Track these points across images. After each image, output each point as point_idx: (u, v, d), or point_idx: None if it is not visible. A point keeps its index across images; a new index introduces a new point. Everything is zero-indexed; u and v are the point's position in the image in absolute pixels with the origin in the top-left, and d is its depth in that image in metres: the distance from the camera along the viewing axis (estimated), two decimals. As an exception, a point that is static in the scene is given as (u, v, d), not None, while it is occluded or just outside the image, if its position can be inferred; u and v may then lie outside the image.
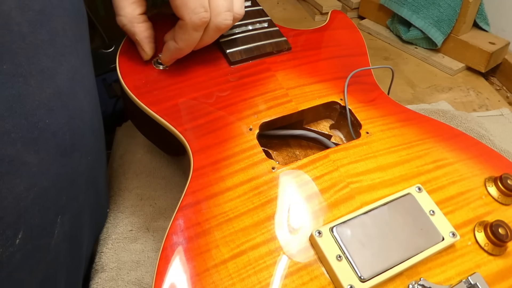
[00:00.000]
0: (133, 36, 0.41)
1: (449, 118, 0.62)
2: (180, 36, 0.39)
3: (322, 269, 0.31)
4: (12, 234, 0.27)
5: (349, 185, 0.35)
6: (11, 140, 0.27)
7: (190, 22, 0.37)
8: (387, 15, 0.92)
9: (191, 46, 0.40)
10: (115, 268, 0.41)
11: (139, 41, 0.41)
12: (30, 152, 0.28)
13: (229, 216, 0.32)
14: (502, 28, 0.84)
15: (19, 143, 0.27)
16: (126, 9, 0.39)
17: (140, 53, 0.42)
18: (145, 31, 0.41)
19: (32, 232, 0.29)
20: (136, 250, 0.42)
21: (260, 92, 0.42)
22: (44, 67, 0.31)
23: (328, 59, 0.47)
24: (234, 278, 0.29)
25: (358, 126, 0.41)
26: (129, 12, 0.39)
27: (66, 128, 0.32)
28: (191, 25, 0.38)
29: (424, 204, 0.34)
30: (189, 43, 0.40)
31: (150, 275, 0.40)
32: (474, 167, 0.39)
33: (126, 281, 0.40)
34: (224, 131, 0.38)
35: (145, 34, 0.41)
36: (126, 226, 0.44)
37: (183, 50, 0.40)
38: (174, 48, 0.40)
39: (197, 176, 0.34)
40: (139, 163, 0.51)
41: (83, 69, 0.36)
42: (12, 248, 0.27)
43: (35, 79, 0.30)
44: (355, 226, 0.32)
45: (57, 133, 0.31)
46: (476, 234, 0.34)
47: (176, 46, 0.40)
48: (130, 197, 0.47)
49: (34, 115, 0.29)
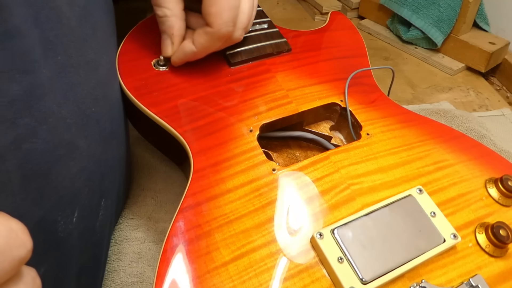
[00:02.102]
0: (170, 30, 0.40)
1: (450, 118, 0.62)
2: (201, 41, 0.39)
3: (323, 271, 0.31)
4: (70, 212, 0.30)
5: (350, 186, 0.35)
6: (67, 125, 0.29)
7: (218, 31, 0.38)
8: (387, 15, 0.92)
9: (206, 53, 0.41)
10: (116, 260, 0.41)
11: (174, 37, 0.40)
12: (81, 137, 0.31)
13: (230, 218, 0.32)
14: (502, 28, 0.84)
15: (73, 128, 0.30)
16: (172, 3, 0.39)
17: (166, 46, 0.41)
18: (182, 30, 0.40)
19: (84, 212, 0.31)
20: (138, 239, 0.43)
21: (260, 93, 0.42)
22: (89, 59, 0.33)
23: (328, 60, 0.47)
24: (235, 281, 0.29)
25: (358, 128, 0.41)
26: (175, 6, 0.39)
27: (107, 117, 0.35)
28: (217, 35, 0.38)
29: (425, 206, 0.34)
30: (207, 50, 0.40)
31: (152, 269, 0.40)
32: (474, 169, 0.39)
33: (128, 273, 0.40)
34: (224, 133, 0.38)
35: (181, 33, 0.40)
36: (127, 215, 0.45)
37: (198, 55, 0.41)
38: (191, 51, 0.40)
39: (197, 178, 0.34)
40: (140, 155, 0.51)
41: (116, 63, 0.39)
42: (71, 225, 0.30)
43: (83, 70, 0.32)
44: (356, 228, 0.32)
45: (100, 121, 0.33)
46: (477, 235, 0.34)
47: (194, 50, 0.40)
48: (132, 186, 0.47)
49: (83, 103, 0.31)
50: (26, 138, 0.26)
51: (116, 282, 0.40)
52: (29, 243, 0.18)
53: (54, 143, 0.28)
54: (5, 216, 0.17)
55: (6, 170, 0.25)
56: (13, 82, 0.25)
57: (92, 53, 0.34)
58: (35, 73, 0.27)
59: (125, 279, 0.40)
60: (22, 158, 0.26)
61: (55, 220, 0.28)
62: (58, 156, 0.28)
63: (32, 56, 0.27)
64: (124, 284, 0.40)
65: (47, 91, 0.28)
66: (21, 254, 0.17)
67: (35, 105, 0.27)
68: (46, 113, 0.27)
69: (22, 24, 0.26)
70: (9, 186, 0.25)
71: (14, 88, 0.25)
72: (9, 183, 0.25)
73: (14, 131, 0.25)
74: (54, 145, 0.28)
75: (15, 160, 0.25)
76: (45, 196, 0.27)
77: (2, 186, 0.25)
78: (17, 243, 0.17)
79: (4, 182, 0.25)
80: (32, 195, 0.27)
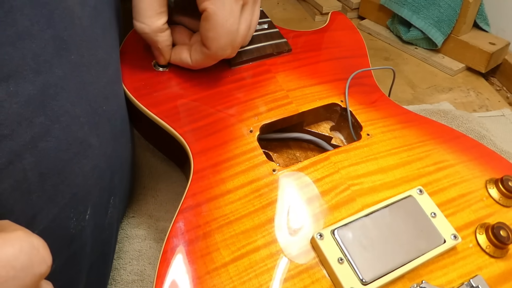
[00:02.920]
0: (155, 44, 0.40)
1: (450, 119, 0.62)
2: (197, 58, 0.40)
3: (324, 271, 0.31)
4: (83, 209, 0.30)
5: (350, 187, 0.35)
6: (81, 124, 0.30)
7: (214, 55, 0.38)
8: (387, 15, 0.92)
9: (200, 67, 0.41)
10: (117, 258, 0.41)
11: (160, 49, 0.40)
12: (93, 135, 0.31)
13: (230, 218, 0.32)
14: (502, 29, 0.84)
15: (86, 126, 0.30)
16: (152, 19, 0.38)
17: (157, 58, 0.41)
18: (168, 40, 0.40)
19: (95, 210, 0.32)
20: (139, 237, 0.43)
21: (261, 93, 0.42)
22: (100, 58, 0.33)
23: (329, 60, 0.47)
24: (235, 281, 0.29)
25: (358, 128, 0.41)
26: (153, 22, 0.38)
27: (117, 115, 0.35)
28: (213, 57, 0.39)
29: (425, 206, 0.34)
30: (202, 66, 0.41)
31: (152, 267, 0.40)
32: (475, 169, 0.39)
33: (128, 271, 0.40)
34: (224, 133, 0.38)
35: (167, 43, 0.40)
36: (128, 213, 0.45)
37: (192, 67, 0.41)
38: (186, 62, 0.41)
39: (197, 179, 0.34)
40: (141, 154, 0.51)
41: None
42: (84, 223, 0.30)
43: (95, 69, 0.32)
44: (356, 229, 0.32)
45: (111, 119, 0.34)
46: (477, 236, 0.34)
47: (188, 62, 0.41)
48: (133, 185, 0.47)
49: (95, 101, 0.32)
50: (42, 137, 0.26)
51: (117, 280, 0.40)
52: (49, 259, 0.18)
53: (68, 141, 0.28)
54: (27, 232, 0.18)
55: (23, 169, 0.25)
56: (27, 82, 0.26)
57: (103, 52, 0.34)
58: (47, 72, 0.27)
59: (126, 277, 0.40)
60: (39, 156, 0.26)
61: (68, 217, 0.29)
62: (72, 154, 0.29)
63: (44, 56, 0.27)
64: (124, 282, 0.40)
65: (60, 90, 0.28)
66: (42, 270, 0.17)
67: (48, 104, 0.27)
68: (59, 112, 0.28)
69: (33, 25, 0.26)
70: (25, 184, 0.25)
71: (28, 88, 0.26)
72: (26, 181, 0.25)
73: (32, 129, 0.26)
74: (68, 143, 0.28)
75: (33, 159, 0.26)
76: (60, 193, 0.28)
77: (18, 184, 0.25)
78: (38, 260, 0.17)
79: (20, 180, 0.25)
80: (48, 193, 0.27)
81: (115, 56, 0.38)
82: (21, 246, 0.17)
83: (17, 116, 0.25)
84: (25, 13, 0.26)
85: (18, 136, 0.25)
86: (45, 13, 0.27)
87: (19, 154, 0.25)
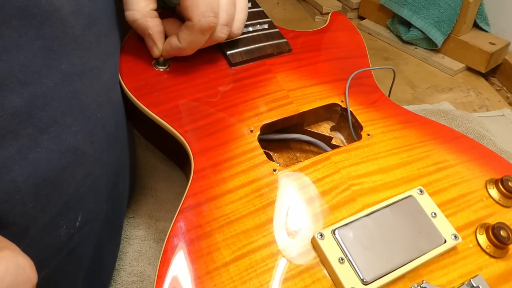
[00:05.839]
0: (146, 31, 0.40)
1: (450, 119, 0.62)
2: (184, 36, 0.39)
3: (324, 271, 0.31)
4: (73, 217, 0.30)
5: (351, 187, 0.35)
6: (73, 133, 0.30)
7: (198, 24, 0.37)
8: (387, 15, 0.92)
9: (193, 49, 0.40)
10: (117, 259, 0.41)
11: (152, 36, 0.40)
12: (87, 143, 0.31)
13: (231, 218, 0.32)
14: (502, 29, 0.84)
15: (79, 135, 0.30)
16: (140, 4, 0.39)
17: (151, 49, 0.41)
18: (159, 26, 0.40)
19: (88, 216, 0.31)
20: (138, 237, 0.43)
21: (261, 93, 0.42)
22: (93, 66, 0.33)
23: (329, 61, 0.47)
24: (236, 281, 0.29)
25: (359, 128, 0.41)
26: (143, 7, 0.39)
27: (112, 121, 0.35)
28: (198, 28, 0.38)
29: (426, 207, 0.34)
30: (192, 45, 0.40)
31: (152, 268, 0.40)
32: (475, 169, 0.39)
33: (128, 272, 0.40)
34: (225, 133, 0.38)
35: (159, 29, 0.40)
36: (128, 213, 0.45)
37: (185, 50, 0.40)
38: (176, 46, 0.40)
39: (198, 178, 0.34)
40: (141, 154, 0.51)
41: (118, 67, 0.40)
42: (73, 230, 0.30)
43: (87, 77, 0.32)
44: (357, 229, 0.32)
45: (106, 125, 0.34)
46: (478, 236, 0.34)
47: (179, 45, 0.40)
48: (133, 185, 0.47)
49: (88, 109, 0.32)
50: (31, 148, 0.26)
51: (117, 281, 0.40)
52: (35, 278, 0.18)
53: (60, 150, 0.28)
54: (13, 251, 0.18)
55: (12, 180, 0.25)
56: (14, 94, 0.25)
57: (96, 60, 0.34)
58: (36, 83, 0.27)
59: (126, 278, 0.40)
60: (31, 167, 0.26)
61: (58, 225, 0.29)
62: (65, 163, 0.29)
63: (33, 67, 0.27)
64: (124, 283, 0.40)
65: (49, 101, 0.28)
66: None
67: (36, 115, 0.27)
68: (48, 122, 0.28)
69: (21, 36, 0.26)
70: (18, 196, 0.25)
71: (15, 100, 0.25)
72: (19, 193, 0.25)
73: (18, 142, 0.26)
74: (61, 153, 0.28)
75: (24, 170, 0.26)
76: (52, 202, 0.28)
77: (9, 196, 0.25)
78: (23, 279, 0.17)
79: (11, 192, 0.25)
80: (42, 203, 0.27)
81: (111, 63, 0.38)
82: (7, 266, 0.17)
83: (1, 129, 0.25)
84: (12, 24, 0.25)
85: (3, 149, 0.25)
86: (34, 24, 0.27)
87: (5, 166, 0.25)
